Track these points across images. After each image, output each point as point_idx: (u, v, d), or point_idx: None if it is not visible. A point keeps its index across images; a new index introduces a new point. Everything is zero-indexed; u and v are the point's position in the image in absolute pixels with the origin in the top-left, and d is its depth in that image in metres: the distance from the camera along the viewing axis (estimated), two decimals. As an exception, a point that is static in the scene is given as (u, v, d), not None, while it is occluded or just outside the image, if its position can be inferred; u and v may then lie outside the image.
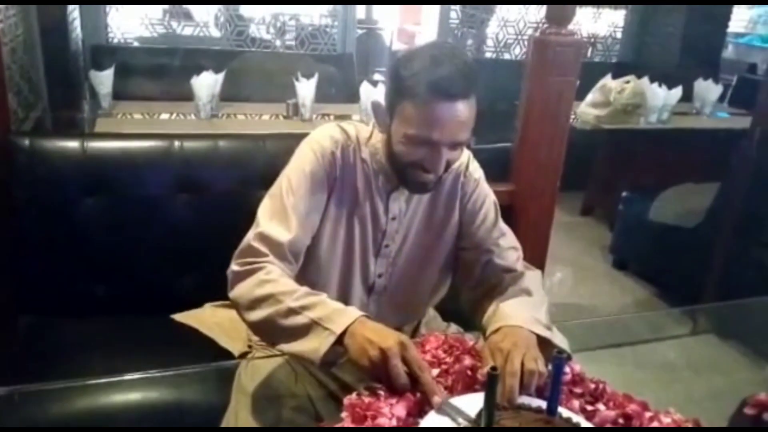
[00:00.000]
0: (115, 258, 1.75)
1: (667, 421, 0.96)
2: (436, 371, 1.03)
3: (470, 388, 1.02)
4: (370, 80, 3.20)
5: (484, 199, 1.37)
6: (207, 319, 1.62)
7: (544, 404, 0.94)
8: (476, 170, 1.39)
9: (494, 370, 0.88)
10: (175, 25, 4.01)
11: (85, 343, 1.59)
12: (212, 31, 4.08)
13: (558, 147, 2.00)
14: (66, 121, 2.88)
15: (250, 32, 4.14)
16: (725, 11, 5.08)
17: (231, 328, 1.53)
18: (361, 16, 6.17)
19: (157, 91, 3.48)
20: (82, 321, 1.68)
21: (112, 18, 3.83)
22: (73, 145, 1.71)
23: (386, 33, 6.75)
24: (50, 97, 2.76)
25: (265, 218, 1.21)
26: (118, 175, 1.73)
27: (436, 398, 0.94)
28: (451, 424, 0.91)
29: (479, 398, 0.90)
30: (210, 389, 1.40)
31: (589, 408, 1.00)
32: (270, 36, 4.23)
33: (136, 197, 1.74)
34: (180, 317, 1.66)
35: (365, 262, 1.34)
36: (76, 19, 3.34)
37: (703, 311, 2.03)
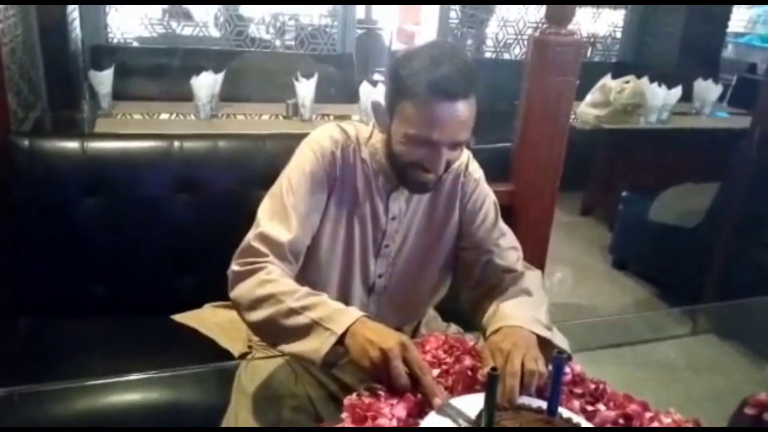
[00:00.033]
0: (115, 258, 1.75)
1: (667, 421, 0.96)
2: (436, 372, 1.03)
3: (470, 388, 1.02)
4: (370, 80, 3.19)
5: (484, 199, 1.37)
6: (207, 319, 1.62)
7: (544, 405, 0.94)
8: (476, 170, 1.39)
9: (494, 370, 0.88)
10: (174, 25, 4.01)
11: (85, 344, 1.59)
12: (212, 31, 4.08)
13: (558, 147, 2.00)
14: (65, 122, 2.89)
15: (249, 32, 4.14)
16: (725, 11, 5.08)
17: (231, 329, 1.52)
18: (361, 16, 6.17)
19: (157, 91, 3.48)
20: (82, 321, 1.68)
21: (111, 18, 3.83)
22: (73, 145, 1.71)
23: (386, 33, 6.76)
24: (50, 98, 2.76)
25: (266, 218, 1.21)
26: (118, 176, 1.73)
27: (437, 400, 0.93)
28: (451, 425, 0.91)
29: (479, 399, 0.90)
30: (210, 390, 1.40)
31: (590, 408, 1.00)
32: (269, 36, 4.23)
33: (135, 197, 1.74)
34: (180, 318, 1.66)
35: (365, 263, 1.33)
36: (75, 20, 3.34)
37: (703, 311, 2.03)
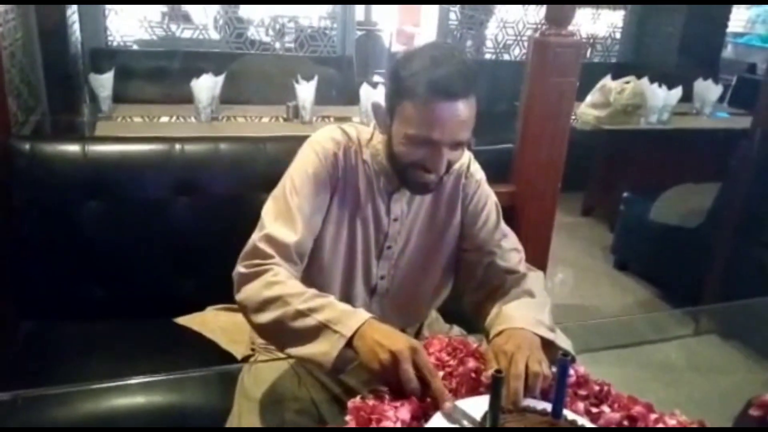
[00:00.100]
0: (116, 261, 1.74)
1: (672, 422, 0.95)
2: (440, 374, 1.02)
3: (474, 390, 1.01)
4: (370, 82, 3.20)
5: (486, 201, 1.37)
6: (209, 322, 1.62)
7: (549, 406, 0.94)
8: (477, 171, 1.38)
9: (498, 372, 0.87)
10: (174, 27, 4.01)
11: (86, 347, 1.58)
12: (211, 34, 4.08)
13: (559, 148, 2.00)
14: (66, 125, 2.88)
15: (249, 35, 4.14)
16: (724, 11, 5.08)
17: (233, 331, 1.52)
18: (360, 17, 6.17)
19: (157, 94, 3.48)
20: (83, 324, 1.67)
21: (111, 21, 3.83)
22: (74, 148, 1.71)
23: (385, 34, 6.76)
24: (50, 101, 2.76)
25: (270, 220, 1.21)
26: (119, 179, 1.73)
27: (447, 404, 0.93)
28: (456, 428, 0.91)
29: (484, 401, 0.90)
30: (213, 393, 1.40)
31: (594, 410, 0.99)
32: (269, 38, 4.23)
33: (136, 200, 1.74)
34: (182, 320, 1.66)
35: (367, 264, 1.33)
36: (75, 23, 3.34)
37: (705, 312, 2.03)
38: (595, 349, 1.45)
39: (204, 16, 4.07)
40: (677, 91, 3.78)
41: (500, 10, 4.81)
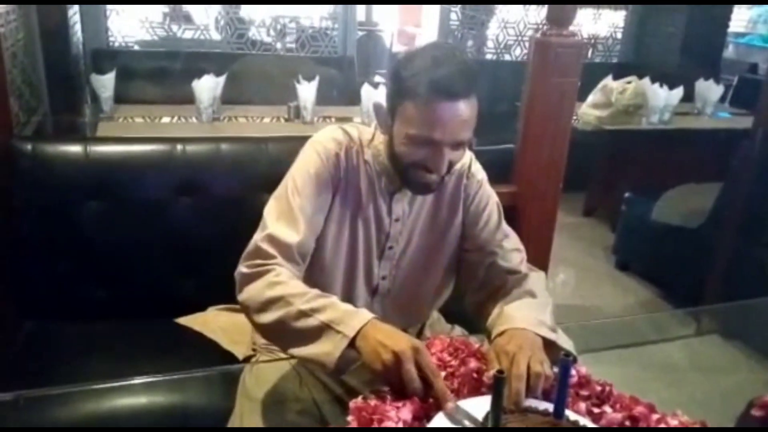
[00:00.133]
0: (117, 262, 1.74)
1: (674, 423, 0.95)
2: (441, 374, 1.02)
3: (476, 391, 1.01)
4: (371, 82, 3.20)
5: (488, 201, 1.37)
6: (211, 322, 1.62)
7: (550, 407, 0.94)
8: (479, 171, 1.38)
9: (500, 373, 0.87)
10: (175, 28, 4.01)
11: (88, 347, 1.59)
12: (213, 34, 4.09)
13: (560, 148, 2.00)
14: (67, 125, 2.88)
15: (250, 35, 4.14)
16: (725, 11, 5.08)
17: (235, 332, 1.53)
18: (361, 18, 6.17)
19: (159, 94, 3.49)
20: (85, 325, 1.67)
21: (112, 21, 3.84)
22: (76, 149, 1.71)
23: (386, 35, 6.76)
24: (51, 101, 2.76)
25: (272, 220, 1.21)
26: (121, 179, 1.73)
27: (450, 404, 0.93)
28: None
29: (486, 401, 0.90)
30: (214, 393, 1.40)
31: (596, 410, 0.99)
32: (270, 39, 4.23)
33: (138, 201, 1.74)
34: (184, 321, 1.66)
35: (369, 264, 1.33)
36: (76, 23, 3.34)
37: (707, 312, 2.03)
38: (597, 349, 1.44)
39: (205, 16, 4.07)
40: (678, 91, 3.78)
41: (501, 10, 4.81)
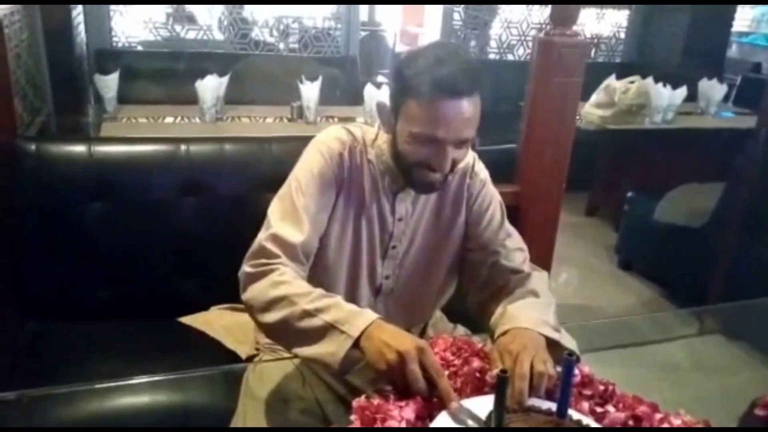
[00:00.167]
0: (121, 262, 1.75)
1: (677, 422, 0.95)
2: (445, 374, 1.02)
3: (479, 390, 1.01)
4: (374, 82, 3.20)
5: (491, 200, 1.37)
6: (214, 321, 1.62)
7: (554, 406, 0.94)
8: (482, 171, 1.39)
9: (504, 372, 0.87)
10: (178, 28, 4.02)
11: (91, 347, 1.59)
12: (216, 35, 4.09)
13: (563, 148, 2.00)
14: (71, 126, 2.90)
15: (253, 35, 4.15)
16: (729, 10, 5.07)
17: (238, 331, 1.53)
18: (364, 18, 6.17)
19: (162, 94, 3.49)
20: (88, 325, 1.67)
21: (116, 22, 3.84)
22: (80, 149, 1.72)
23: (389, 35, 6.75)
24: (55, 102, 2.77)
25: (277, 219, 1.21)
26: (125, 179, 1.74)
27: (454, 404, 0.93)
28: (461, 427, 0.91)
29: (489, 401, 0.90)
30: (217, 392, 1.40)
31: (599, 410, 0.99)
32: (273, 39, 4.24)
33: (142, 201, 1.74)
34: (187, 320, 1.67)
35: (372, 264, 1.33)
36: (80, 24, 3.36)
37: (709, 312, 2.03)
38: (600, 348, 1.44)
39: (208, 16, 4.08)
40: (682, 91, 3.77)
41: (504, 10, 4.80)
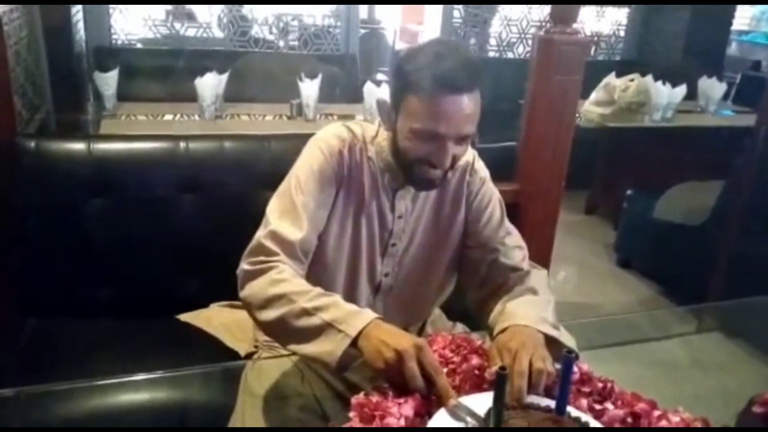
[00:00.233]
0: (120, 259, 1.75)
1: (675, 420, 0.95)
2: (444, 371, 1.03)
3: (478, 387, 1.01)
4: (374, 80, 3.20)
5: (490, 198, 1.37)
6: (213, 319, 1.62)
7: (552, 404, 0.94)
8: (482, 169, 1.39)
9: (503, 369, 0.88)
10: (178, 26, 4.02)
11: (90, 345, 1.59)
12: (215, 32, 4.09)
13: (563, 146, 2.00)
14: (70, 123, 2.89)
15: (253, 33, 4.14)
16: (729, 9, 5.06)
17: (237, 329, 1.53)
18: (364, 16, 6.17)
19: (161, 92, 3.48)
20: (87, 322, 1.68)
21: (115, 20, 3.84)
22: (79, 146, 1.72)
23: (389, 33, 6.75)
24: (54, 99, 2.76)
25: (275, 217, 1.21)
26: (124, 177, 1.74)
27: (452, 401, 0.93)
28: (460, 424, 0.91)
29: (487, 398, 0.91)
30: (216, 390, 1.40)
31: (598, 407, 0.99)
32: (273, 36, 4.24)
33: (141, 198, 1.74)
34: (186, 317, 1.67)
35: (372, 262, 1.34)
36: (79, 21, 3.35)
37: (708, 309, 2.03)
38: (599, 346, 1.45)
39: (208, 14, 4.07)
40: (681, 89, 3.77)
41: (504, 8, 4.80)
